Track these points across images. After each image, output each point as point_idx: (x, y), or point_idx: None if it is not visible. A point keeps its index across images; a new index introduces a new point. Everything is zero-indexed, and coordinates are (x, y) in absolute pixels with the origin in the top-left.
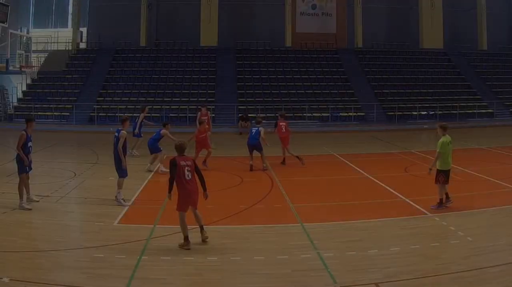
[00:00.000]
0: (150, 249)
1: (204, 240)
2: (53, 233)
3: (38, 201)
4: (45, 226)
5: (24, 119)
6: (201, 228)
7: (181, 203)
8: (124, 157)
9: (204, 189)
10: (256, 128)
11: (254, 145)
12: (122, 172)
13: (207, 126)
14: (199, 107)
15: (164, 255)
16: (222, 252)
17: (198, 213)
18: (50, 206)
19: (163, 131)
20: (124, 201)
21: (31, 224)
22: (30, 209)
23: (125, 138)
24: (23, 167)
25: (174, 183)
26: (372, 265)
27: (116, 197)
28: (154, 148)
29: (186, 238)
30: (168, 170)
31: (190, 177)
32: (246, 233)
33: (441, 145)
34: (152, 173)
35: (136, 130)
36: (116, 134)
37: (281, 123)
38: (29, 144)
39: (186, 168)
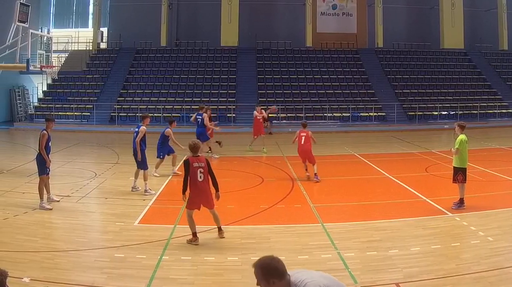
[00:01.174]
0: (171, 249)
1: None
2: (74, 233)
3: (58, 201)
4: (65, 226)
5: (44, 120)
6: (219, 229)
7: (190, 202)
8: (143, 151)
9: (217, 190)
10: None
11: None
12: (140, 164)
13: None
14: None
15: (184, 255)
16: (242, 252)
17: (216, 214)
18: (71, 206)
19: (167, 131)
20: (150, 190)
21: (51, 224)
22: (51, 209)
23: (144, 133)
24: (44, 168)
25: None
26: (392, 265)
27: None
28: (167, 150)
29: (194, 234)
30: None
31: (202, 178)
32: (267, 233)
33: (460, 141)
34: (173, 173)
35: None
36: (136, 129)
37: (301, 134)
38: (49, 143)
39: (199, 169)
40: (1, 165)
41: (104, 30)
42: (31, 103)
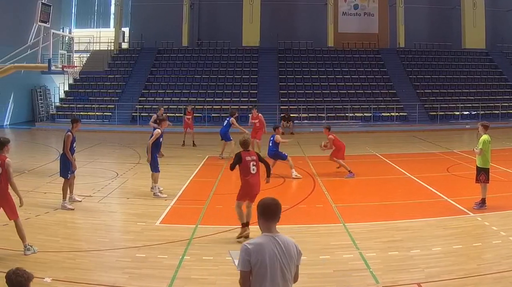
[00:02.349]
0: (192, 249)
1: (240, 237)
2: (95, 233)
3: (80, 201)
4: (87, 226)
5: (66, 119)
6: (247, 224)
7: (241, 194)
8: (155, 154)
9: (268, 175)
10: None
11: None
12: (151, 167)
13: None
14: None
15: (206, 255)
16: None
17: (251, 210)
18: (92, 206)
19: (232, 119)
20: (161, 193)
21: (73, 224)
22: (72, 209)
23: (159, 136)
24: (67, 171)
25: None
26: (414, 265)
27: (152, 190)
28: (226, 136)
29: (243, 225)
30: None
31: (255, 171)
32: (288, 232)
33: (483, 142)
34: (195, 173)
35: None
36: (152, 131)
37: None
38: (74, 144)
39: (252, 163)
40: (23, 165)
41: (126, 30)
42: (53, 103)
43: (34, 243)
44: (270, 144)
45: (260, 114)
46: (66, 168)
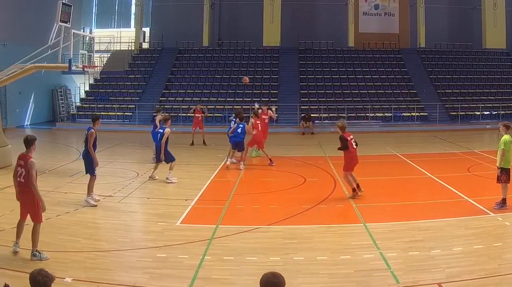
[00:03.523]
0: (213, 249)
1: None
2: (116, 233)
3: (99, 200)
4: (107, 226)
5: (86, 119)
6: (358, 186)
7: (347, 166)
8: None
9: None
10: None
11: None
12: (167, 159)
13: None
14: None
15: (227, 255)
16: (285, 252)
17: (354, 176)
18: (113, 206)
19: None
20: (173, 179)
21: (93, 224)
22: (95, 205)
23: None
24: (93, 168)
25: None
26: (435, 265)
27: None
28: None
29: (354, 189)
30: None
31: (355, 146)
32: (309, 233)
33: (504, 142)
34: (215, 173)
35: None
36: (161, 130)
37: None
38: (96, 142)
39: (353, 140)
40: (44, 165)
41: (146, 30)
42: (73, 103)
43: (54, 243)
44: (239, 131)
45: (269, 111)
46: (92, 165)
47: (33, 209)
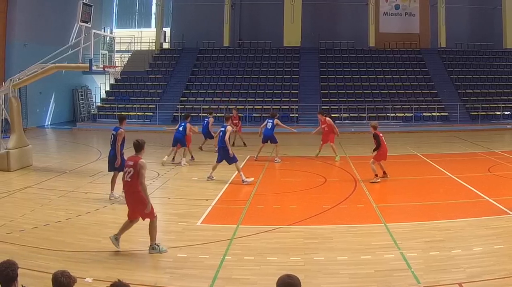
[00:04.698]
0: (234, 249)
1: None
2: (137, 233)
3: (118, 197)
4: None
5: (107, 120)
6: (384, 173)
7: (378, 157)
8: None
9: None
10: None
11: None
12: (231, 160)
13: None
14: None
15: (247, 255)
16: (305, 252)
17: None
18: None
19: (276, 120)
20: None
21: (114, 224)
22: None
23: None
24: (114, 166)
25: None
26: (455, 265)
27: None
28: (274, 138)
29: (376, 176)
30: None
31: (385, 142)
32: (330, 233)
33: None
34: (236, 173)
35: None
36: (222, 129)
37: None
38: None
39: (383, 137)
40: (64, 165)
41: (167, 30)
42: (94, 104)
43: (75, 243)
44: (269, 127)
45: (328, 118)
46: (113, 164)
47: (142, 208)
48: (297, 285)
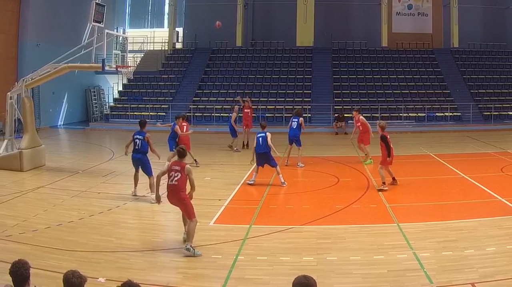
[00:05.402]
0: (246, 249)
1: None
2: (149, 233)
3: (136, 194)
4: (141, 226)
5: (120, 120)
6: (394, 179)
7: (386, 161)
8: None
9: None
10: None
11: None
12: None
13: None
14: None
15: (260, 255)
16: (318, 252)
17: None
18: (146, 206)
19: (301, 119)
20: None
21: (127, 224)
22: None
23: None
24: (150, 168)
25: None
26: (468, 265)
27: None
28: (299, 141)
29: (384, 183)
30: None
31: (391, 146)
32: (342, 233)
33: None
34: (249, 173)
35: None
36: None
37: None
38: None
39: (390, 139)
40: (77, 165)
41: (180, 30)
42: (107, 103)
43: (88, 243)
44: (295, 126)
45: (361, 117)
46: (149, 165)
47: (186, 208)
48: (313, 286)
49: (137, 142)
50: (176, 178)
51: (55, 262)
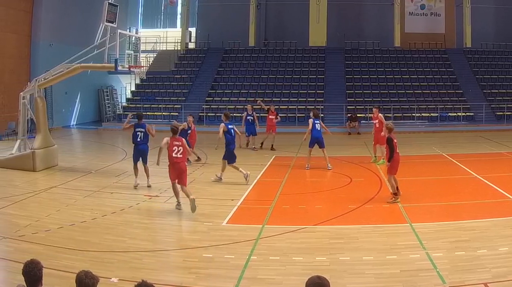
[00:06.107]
0: (259, 249)
1: (393, 202)
2: (162, 233)
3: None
4: (153, 226)
5: (132, 120)
6: (397, 188)
7: (392, 169)
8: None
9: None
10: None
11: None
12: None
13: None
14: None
15: (273, 255)
16: (331, 252)
17: (397, 180)
18: (159, 206)
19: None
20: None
21: (139, 224)
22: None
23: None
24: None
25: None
26: (481, 265)
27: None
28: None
29: (395, 194)
30: None
31: (397, 150)
32: (355, 233)
33: None
34: (262, 173)
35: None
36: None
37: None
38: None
39: (396, 144)
40: (90, 165)
41: (192, 30)
42: (119, 103)
43: (100, 243)
44: (319, 128)
45: (380, 115)
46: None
47: (184, 176)
48: (326, 286)
49: (139, 135)
50: (179, 152)
51: (68, 262)
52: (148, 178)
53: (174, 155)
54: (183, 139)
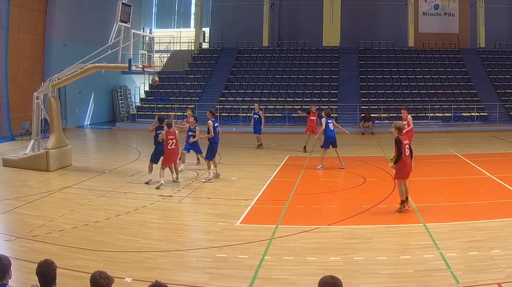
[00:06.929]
0: (273, 249)
1: (400, 211)
2: (176, 233)
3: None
4: (167, 226)
5: (146, 119)
6: (406, 199)
7: (399, 172)
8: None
9: (411, 160)
10: None
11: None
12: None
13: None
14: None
15: (286, 255)
16: (344, 252)
17: (408, 187)
18: (173, 206)
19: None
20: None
21: (153, 224)
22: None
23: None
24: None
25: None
26: (494, 265)
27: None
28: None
29: (402, 202)
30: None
31: (408, 153)
32: (369, 233)
33: None
34: (275, 173)
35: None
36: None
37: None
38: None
39: (406, 146)
40: (103, 165)
41: (206, 30)
42: (133, 103)
43: (114, 243)
44: (332, 128)
45: (409, 116)
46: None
47: (175, 159)
48: (339, 286)
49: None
50: (174, 143)
51: (82, 262)
52: (178, 174)
53: (169, 147)
54: (176, 132)
